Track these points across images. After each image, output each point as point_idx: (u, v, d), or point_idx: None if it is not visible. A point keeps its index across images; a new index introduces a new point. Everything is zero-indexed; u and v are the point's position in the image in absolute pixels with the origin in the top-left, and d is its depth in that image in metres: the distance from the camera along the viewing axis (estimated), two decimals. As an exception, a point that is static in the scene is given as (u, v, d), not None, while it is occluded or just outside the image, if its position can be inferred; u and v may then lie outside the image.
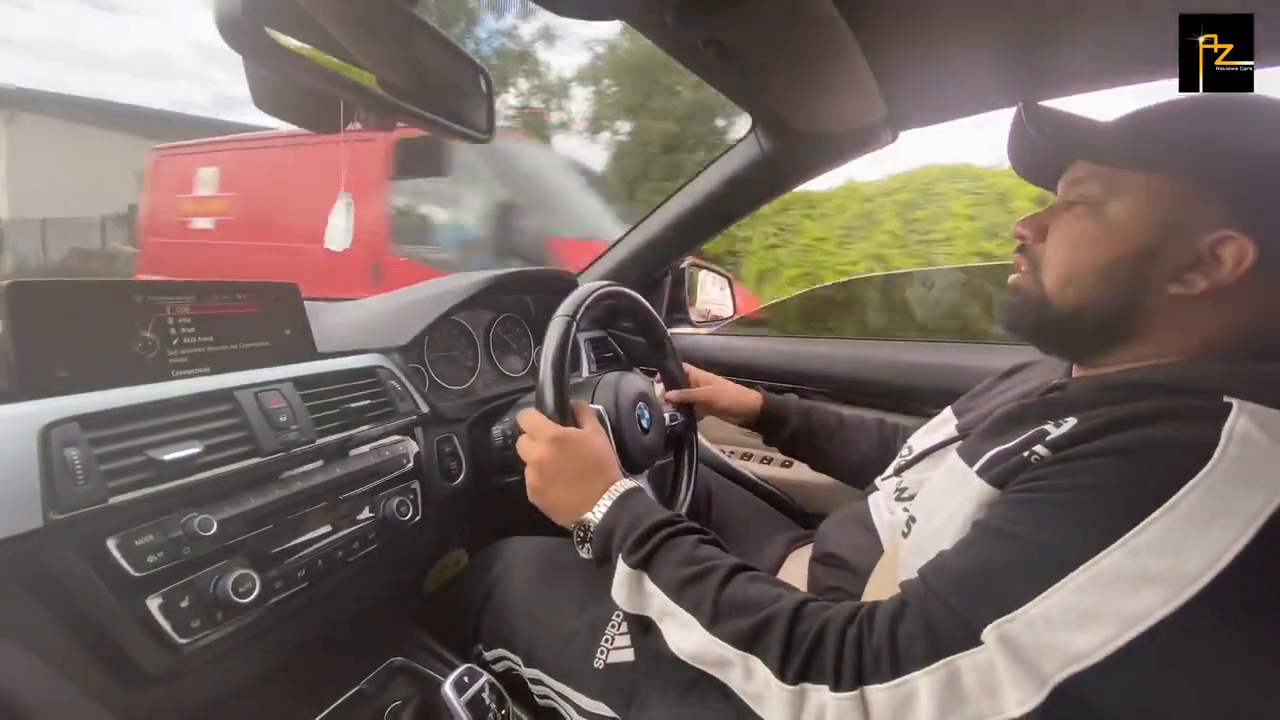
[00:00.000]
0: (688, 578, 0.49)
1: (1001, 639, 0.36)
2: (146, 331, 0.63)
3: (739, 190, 1.15)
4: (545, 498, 0.63)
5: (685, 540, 0.53)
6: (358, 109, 0.58)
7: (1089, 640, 0.34)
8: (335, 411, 0.70)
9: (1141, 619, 0.34)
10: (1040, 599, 0.36)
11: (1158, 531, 0.35)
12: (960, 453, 0.54)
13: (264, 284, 0.74)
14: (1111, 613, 0.34)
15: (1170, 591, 0.33)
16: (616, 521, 0.57)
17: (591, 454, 0.63)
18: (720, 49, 0.73)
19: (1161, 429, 0.39)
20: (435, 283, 1.01)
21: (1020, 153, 0.58)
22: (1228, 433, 0.37)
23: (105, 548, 0.49)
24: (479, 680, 0.60)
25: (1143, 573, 0.34)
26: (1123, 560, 0.35)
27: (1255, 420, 0.37)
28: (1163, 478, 0.36)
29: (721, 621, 0.46)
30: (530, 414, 0.67)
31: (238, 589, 0.54)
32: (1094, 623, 0.34)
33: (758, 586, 0.48)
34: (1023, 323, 0.55)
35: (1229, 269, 0.44)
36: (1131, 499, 0.37)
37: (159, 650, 0.51)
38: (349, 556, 0.67)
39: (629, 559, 0.53)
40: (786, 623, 0.43)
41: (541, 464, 0.63)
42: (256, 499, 0.59)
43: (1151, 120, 0.49)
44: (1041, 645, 0.35)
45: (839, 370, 1.26)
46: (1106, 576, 0.35)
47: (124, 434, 0.53)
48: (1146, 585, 0.34)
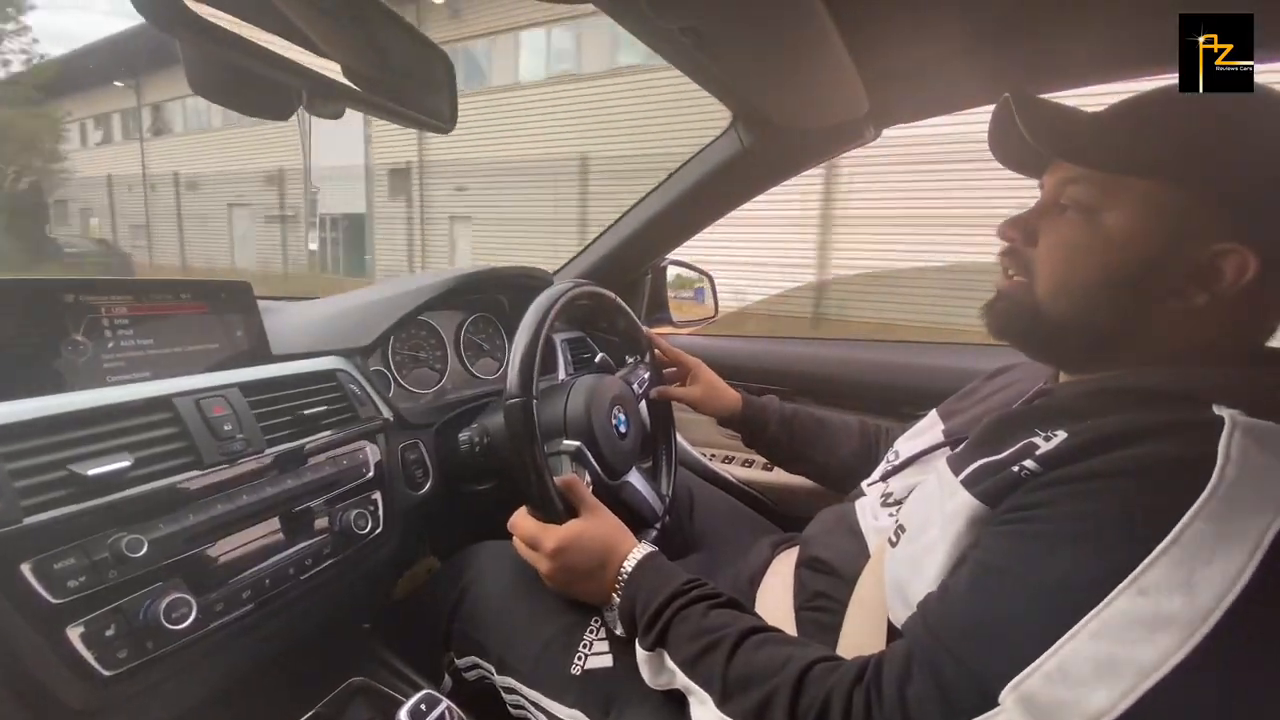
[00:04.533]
0: (698, 652, 0.49)
1: (1020, 699, 0.34)
2: (78, 334, 0.58)
3: (719, 186, 1.12)
4: (572, 596, 0.64)
5: (695, 610, 0.52)
6: (302, 95, 0.54)
7: (1108, 695, 0.32)
8: (288, 419, 0.66)
9: (1158, 667, 0.32)
10: (1054, 649, 0.34)
11: (1165, 566, 0.33)
12: (949, 462, 0.52)
13: (212, 282, 0.70)
14: (1127, 663, 0.32)
15: (1184, 633, 0.32)
16: (633, 602, 0.57)
17: (596, 546, 0.62)
18: (698, 38, 0.70)
19: (1155, 446, 0.38)
20: (402, 280, 0.97)
21: (1003, 143, 0.56)
22: (1224, 451, 0.35)
23: (19, 572, 0.45)
24: (438, 707, 0.56)
25: (1155, 614, 0.33)
26: (1133, 601, 0.33)
27: (1251, 436, 0.36)
28: (1164, 504, 0.35)
29: (731, 699, 0.45)
30: (523, 527, 0.65)
31: (170, 614, 0.49)
32: (1110, 675, 0.33)
33: (766, 653, 0.47)
34: (1012, 330, 0.54)
35: (1230, 281, 0.42)
36: (1134, 530, 0.35)
37: (81, 684, 0.47)
38: (301, 574, 0.63)
39: (644, 641, 0.53)
40: (790, 694, 0.42)
41: (553, 576, 0.63)
42: (196, 515, 0.55)
43: (1146, 120, 0.47)
44: (1061, 703, 0.33)
45: (822, 370, 1.24)
46: (1119, 621, 0.33)
47: (43, 446, 0.48)
48: (1160, 629, 0.32)
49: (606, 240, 1.28)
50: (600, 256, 1.29)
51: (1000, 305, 0.54)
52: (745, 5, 0.64)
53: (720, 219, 1.23)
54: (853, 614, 0.59)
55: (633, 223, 1.23)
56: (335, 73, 0.54)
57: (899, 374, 1.15)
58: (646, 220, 1.22)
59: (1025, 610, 0.37)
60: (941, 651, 0.38)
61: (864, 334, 2.97)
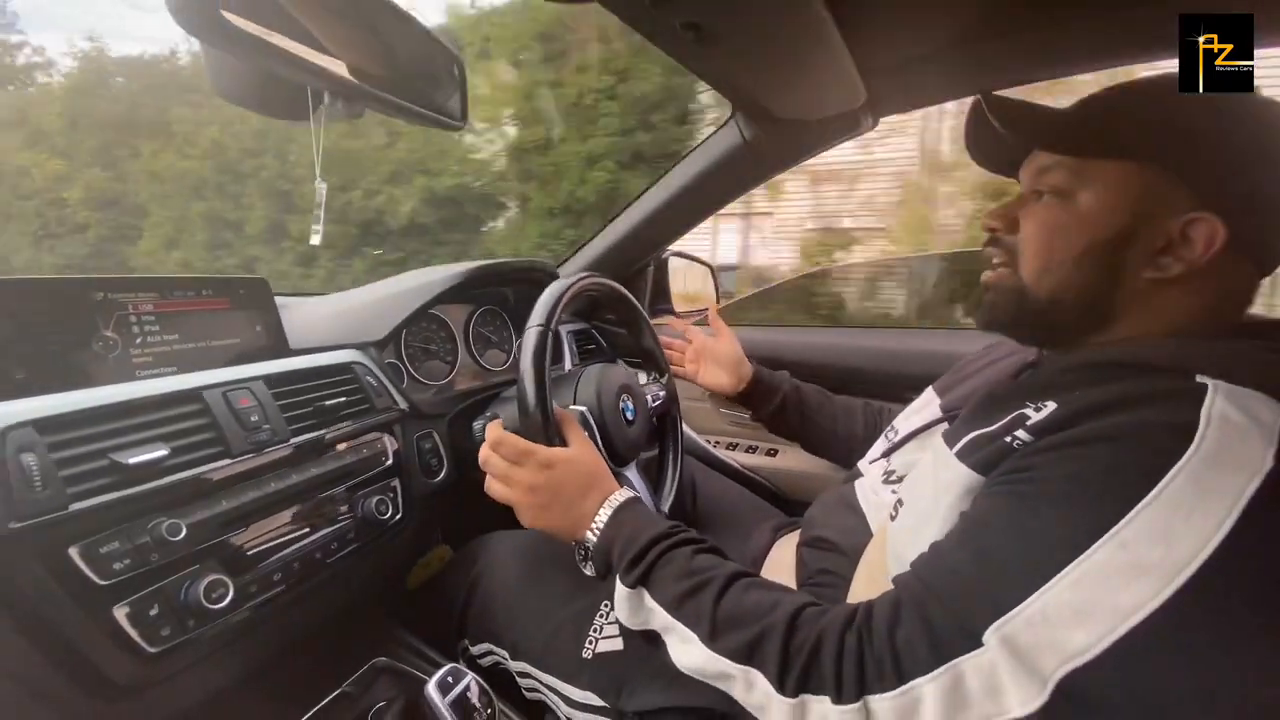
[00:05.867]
0: (685, 592, 0.49)
1: (1003, 640, 0.36)
2: (108, 330, 0.61)
3: (720, 177, 1.14)
4: (541, 523, 0.61)
5: (681, 552, 0.52)
6: (325, 97, 0.56)
7: (1085, 636, 0.34)
8: (309, 410, 0.68)
9: (1134, 611, 0.34)
10: (1037, 595, 0.36)
11: (1145, 521, 0.35)
12: (945, 436, 0.54)
13: (233, 279, 0.72)
14: (1106, 607, 0.34)
15: (1161, 582, 0.34)
16: (614, 538, 0.56)
17: (583, 472, 0.61)
18: (699, 33, 0.72)
19: (1141, 413, 0.39)
20: (412, 275, 0.99)
21: (979, 143, 0.58)
22: (1206, 415, 0.37)
23: (68, 556, 0.47)
24: (464, 680, 0.59)
25: (1134, 564, 0.35)
26: (1114, 553, 0.35)
27: (1232, 400, 0.37)
28: (1146, 464, 0.37)
29: (720, 636, 0.46)
30: (511, 439, 0.62)
31: (210, 595, 0.52)
32: (1089, 618, 0.35)
33: (754, 595, 0.47)
34: (1001, 317, 0.55)
35: (1201, 250, 0.44)
36: (1117, 487, 0.37)
37: (128, 661, 0.50)
38: (328, 557, 0.66)
39: (626, 578, 0.52)
40: (783, 634, 0.43)
41: (535, 490, 0.60)
42: (228, 501, 0.57)
43: (1110, 106, 0.50)
44: (1041, 643, 0.35)
45: (823, 358, 1.26)
46: (1099, 570, 0.35)
47: (85, 437, 0.51)
48: (1138, 577, 0.34)
49: (610, 233, 1.30)
50: (604, 249, 1.31)
51: (989, 297, 0.56)
52: (746, 1, 0.66)
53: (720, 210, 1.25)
54: (857, 589, 0.61)
55: (635, 216, 1.25)
56: (354, 75, 0.56)
57: (901, 359, 1.17)
58: (649, 213, 1.24)
59: (1010, 560, 0.39)
60: (930, 597, 0.41)
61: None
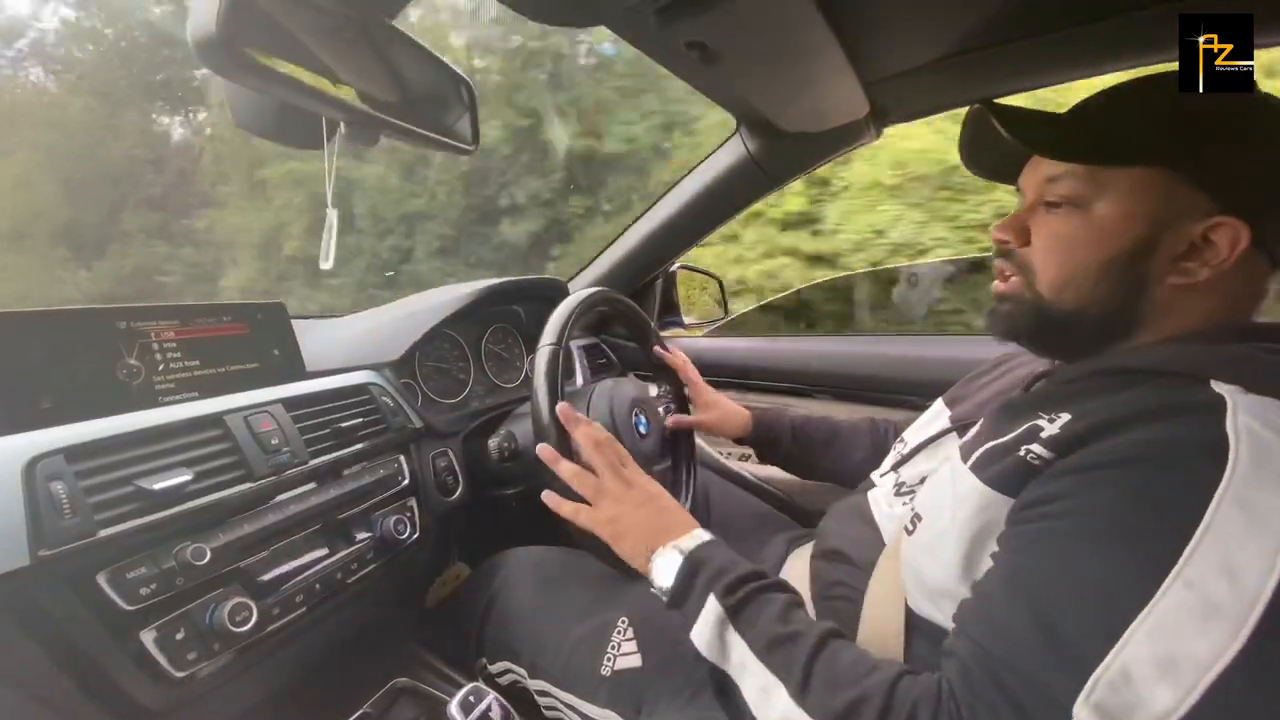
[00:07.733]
0: (778, 638, 0.47)
1: (1093, 710, 0.34)
2: (131, 358, 0.62)
3: (726, 192, 1.15)
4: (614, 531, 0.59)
5: (778, 598, 0.50)
6: (340, 125, 0.57)
7: (1172, 694, 0.33)
8: (327, 431, 0.69)
9: (1216, 659, 0.32)
10: (1115, 652, 0.34)
11: (1204, 555, 0.34)
12: (960, 449, 0.54)
13: (250, 305, 0.73)
14: (1186, 658, 0.33)
15: (1236, 623, 0.32)
16: (705, 560, 0.53)
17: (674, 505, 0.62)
18: (703, 52, 0.73)
19: (1164, 430, 0.38)
20: (424, 295, 1.00)
21: (977, 151, 0.57)
22: (1233, 431, 0.36)
23: (96, 582, 0.48)
24: (485, 699, 0.59)
25: (1204, 604, 0.33)
26: (1182, 594, 0.34)
27: (1252, 413, 0.37)
28: (1187, 490, 0.35)
29: (811, 692, 0.44)
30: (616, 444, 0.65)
31: (234, 618, 0.53)
32: (1171, 672, 0.33)
33: (850, 657, 0.46)
34: (1020, 329, 0.53)
35: (1225, 253, 0.43)
36: (1165, 520, 0.35)
37: (155, 685, 0.50)
38: (348, 578, 0.66)
39: (724, 601, 0.49)
40: (880, 706, 0.41)
41: (633, 491, 0.61)
42: (250, 525, 0.58)
43: (1120, 110, 0.49)
44: (1128, 707, 0.34)
45: (831, 367, 1.26)
46: (1171, 615, 0.34)
47: (111, 464, 0.52)
48: (1211, 619, 0.33)
49: (618, 248, 1.31)
50: (613, 264, 1.32)
51: (1004, 307, 0.54)
52: (749, 19, 0.67)
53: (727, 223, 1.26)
54: (871, 602, 0.60)
55: (643, 230, 1.27)
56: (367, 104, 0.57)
57: (908, 366, 1.16)
58: (656, 228, 1.25)
59: (1077, 613, 0.37)
60: (1003, 668, 0.38)
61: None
